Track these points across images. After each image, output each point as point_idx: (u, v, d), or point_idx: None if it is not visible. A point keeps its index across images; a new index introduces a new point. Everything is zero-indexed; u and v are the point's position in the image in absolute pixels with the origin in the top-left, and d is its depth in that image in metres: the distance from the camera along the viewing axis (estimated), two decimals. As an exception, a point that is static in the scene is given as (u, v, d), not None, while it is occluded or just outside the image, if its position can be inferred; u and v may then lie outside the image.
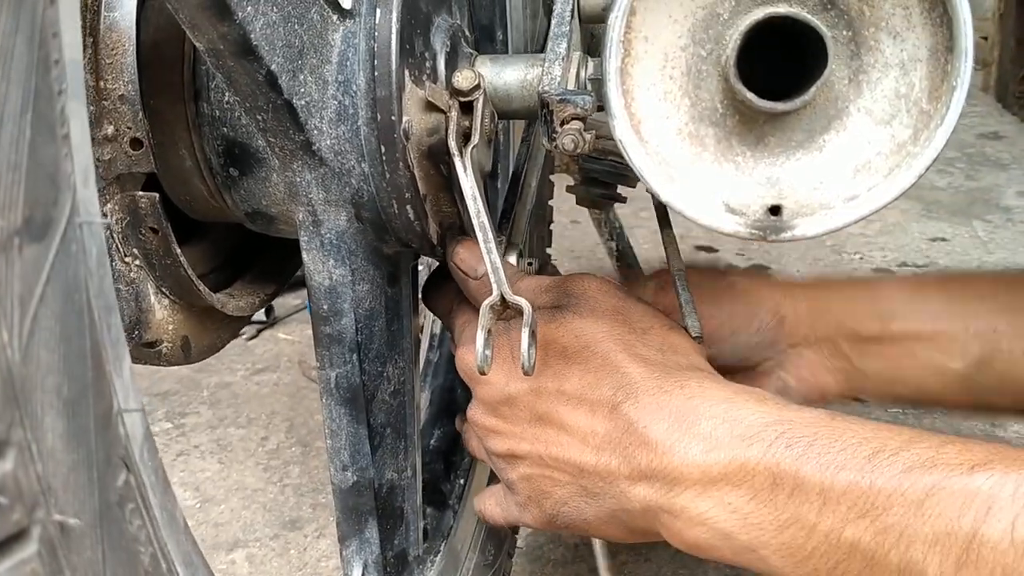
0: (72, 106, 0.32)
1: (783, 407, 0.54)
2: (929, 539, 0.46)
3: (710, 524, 0.53)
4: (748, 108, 0.49)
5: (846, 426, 0.52)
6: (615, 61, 0.49)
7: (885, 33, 0.47)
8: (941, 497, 0.47)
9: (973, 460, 0.47)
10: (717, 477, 0.52)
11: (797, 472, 0.50)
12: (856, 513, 0.48)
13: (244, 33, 0.48)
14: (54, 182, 0.30)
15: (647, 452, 0.55)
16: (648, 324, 0.61)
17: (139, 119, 0.57)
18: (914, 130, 0.48)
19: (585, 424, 0.58)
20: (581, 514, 0.60)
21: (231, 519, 1.21)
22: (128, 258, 0.60)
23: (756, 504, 0.51)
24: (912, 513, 0.47)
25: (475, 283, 0.63)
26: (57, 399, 0.30)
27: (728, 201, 0.50)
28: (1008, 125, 2.45)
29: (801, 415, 0.53)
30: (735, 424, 0.53)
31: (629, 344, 0.59)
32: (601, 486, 0.58)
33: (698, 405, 0.54)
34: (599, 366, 0.58)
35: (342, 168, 0.56)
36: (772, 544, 0.51)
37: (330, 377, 0.62)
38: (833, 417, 0.53)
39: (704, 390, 0.55)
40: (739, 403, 0.54)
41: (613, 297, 0.63)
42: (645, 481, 0.55)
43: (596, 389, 0.58)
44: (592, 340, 0.59)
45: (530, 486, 0.62)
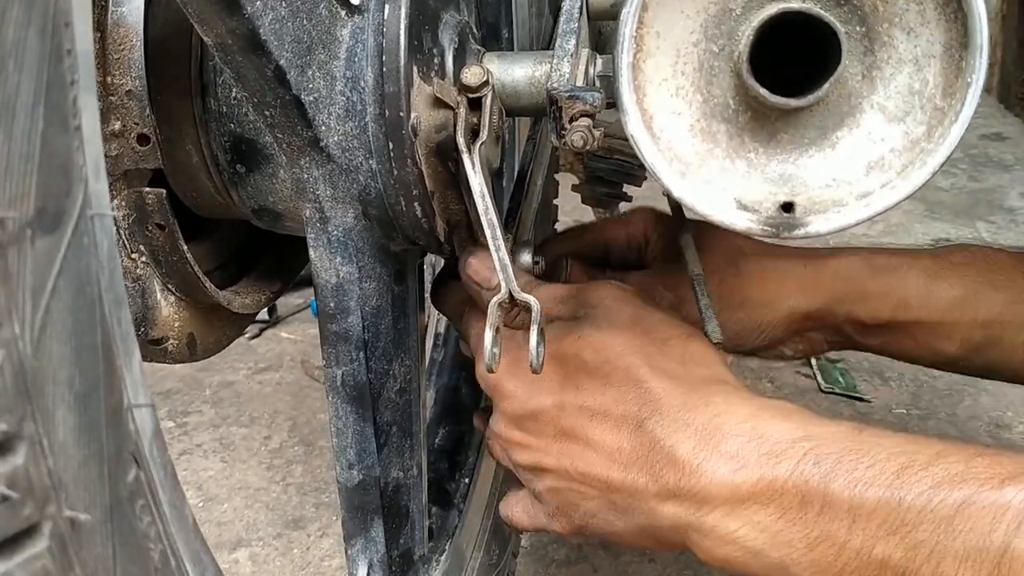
0: (84, 97, 0.31)
1: (809, 422, 0.54)
2: (960, 555, 0.46)
3: (740, 543, 0.53)
4: (761, 104, 0.48)
5: (874, 440, 0.51)
6: (627, 56, 0.49)
7: (899, 29, 0.47)
8: (971, 512, 0.46)
9: (1003, 474, 0.47)
10: (745, 496, 0.52)
11: (826, 490, 0.50)
12: (886, 530, 0.48)
13: (253, 28, 0.48)
14: (66, 174, 0.30)
15: (674, 471, 0.54)
16: (667, 334, 0.61)
17: (146, 115, 0.57)
18: (928, 127, 0.48)
19: (611, 440, 0.58)
20: (611, 526, 0.60)
21: (234, 518, 1.20)
22: (134, 254, 0.60)
23: (785, 522, 0.51)
24: (942, 529, 0.47)
25: (489, 294, 0.63)
26: (69, 393, 0.30)
27: (740, 198, 0.50)
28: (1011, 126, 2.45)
29: (828, 430, 0.53)
30: (762, 442, 0.53)
31: (650, 356, 0.59)
32: (629, 502, 0.57)
33: (724, 423, 0.54)
34: (621, 380, 0.58)
35: (350, 165, 0.56)
36: (803, 562, 0.51)
37: (336, 375, 0.62)
38: (860, 431, 0.53)
39: (730, 406, 0.55)
40: (765, 419, 0.54)
41: (630, 306, 0.62)
42: (673, 500, 0.55)
43: (620, 404, 0.58)
44: (613, 354, 0.59)
45: (558, 497, 0.62)
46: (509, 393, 0.61)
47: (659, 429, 0.56)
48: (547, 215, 1.06)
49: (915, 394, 1.39)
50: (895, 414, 1.36)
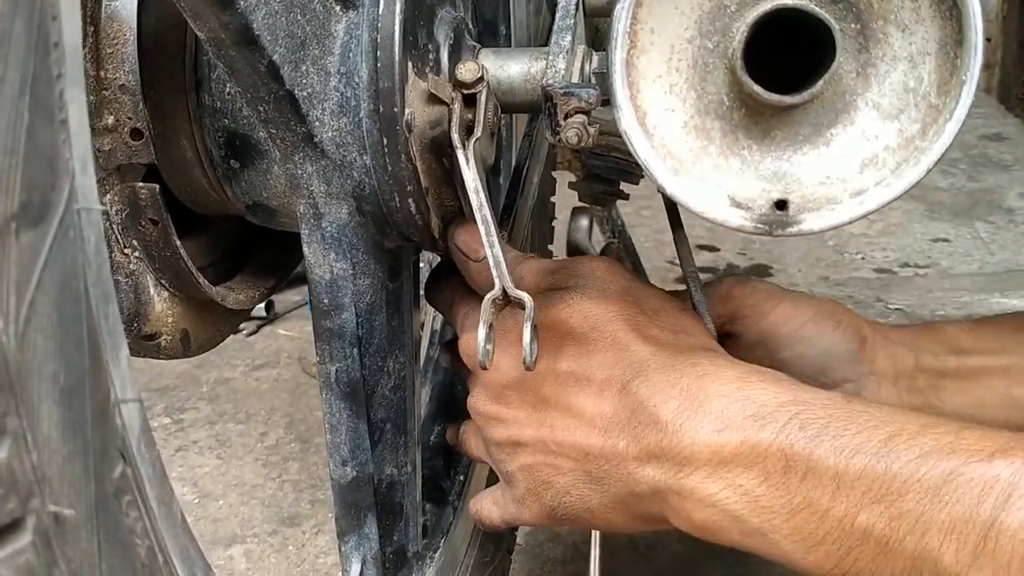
0: (71, 91, 0.31)
1: (798, 388, 0.53)
2: (946, 526, 0.45)
3: (720, 506, 0.51)
4: (755, 101, 0.48)
5: (862, 409, 0.50)
6: (621, 52, 0.49)
7: (894, 26, 0.47)
8: (959, 484, 0.45)
9: (993, 447, 0.46)
10: (728, 458, 0.51)
11: (810, 455, 0.49)
12: (871, 498, 0.47)
13: (246, 22, 0.48)
14: (52, 167, 0.30)
15: (656, 431, 0.53)
16: (658, 305, 0.60)
17: (139, 109, 0.57)
18: (922, 124, 0.48)
19: (592, 405, 0.57)
20: (584, 503, 0.59)
21: (229, 515, 1.20)
22: (127, 250, 0.60)
23: (768, 487, 0.50)
24: (929, 499, 0.46)
25: (475, 266, 0.62)
26: (53, 387, 0.30)
27: (734, 195, 0.50)
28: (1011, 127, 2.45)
29: (816, 396, 0.52)
30: (747, 404, 0.51)
31: (640, 324, 0.58)
32: (607, 469, 0.56)
33: (710, 384, 0.53)
34: (608, 346, 0.57)
35: (344, 160, 0.56)
36: (783, 528, 0.50)
37: (330, 371, 0.62)
38: (849, 400, 0.52)
39: (717, 368, 0.54)
40: (752, 382, 0.53)
41: (622, 278, 0.61)
42: (654, 461, 0.53)
43: (604, 369, 0.57)
44: (601, 320, 0.58)
45: (530, 477, 0.60)
46: (492, 364, 0.59)
47: (643, 390, 0.55)
48: (544, 212, 1.06)
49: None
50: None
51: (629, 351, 0.56)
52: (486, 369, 0.56)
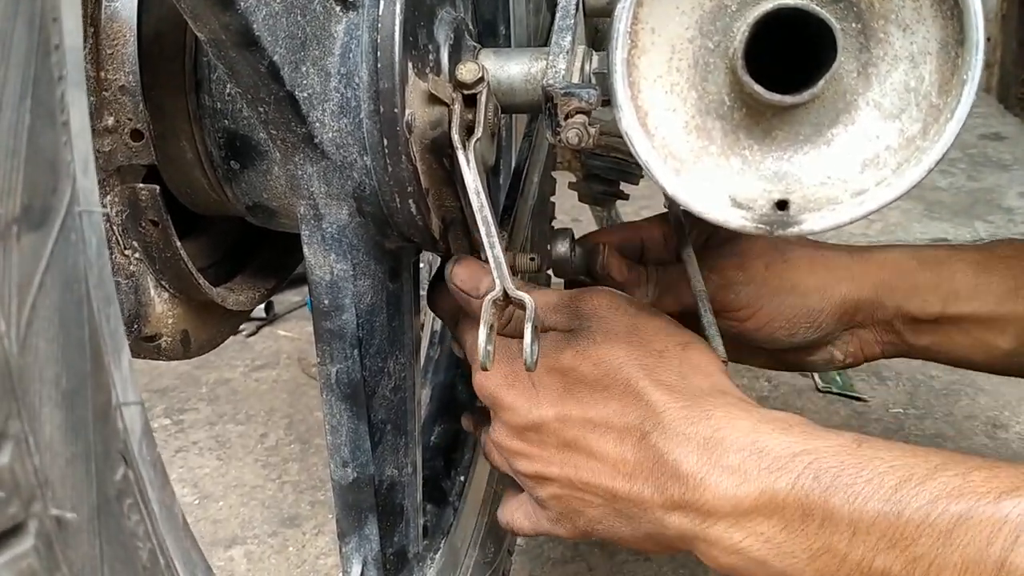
0: (72, 93, 0.31)
1: (808, 435, 0.55)
2: (959, 568, 0.47)
3: (745, 553, 0.54)
4: (756, 101, 0.48)
5: (872, 453, 0.52)
6: (621, 52, 0.49)
7: (895, 25, 0.47)
8: (969, 526, 0.47)
9: (1000, 487, 0.48)
10: (749, 509, 0.53)
11: (826, 503, 0.51)
12: (886, 543, 0.49)
13: (246, 23, 0.48)
14: (53, 170, 0.30)
15: (679, 485, 0.55)
16: (663, 343, 0.61)
17: (140, 110, 0.57)
18: (924, 124, 0.48)
19: (614, 451, 0.59)
20: (616, 532, 0.61)
21: (229, 516, 1.20)
22: (128, 251, 0.59)
23: (788, 534, 0.52)
24: (941, 543, 0.48)
25: (479, 303, 0.62)
26: (55, 391, 0.30)
27: (735, 195, 0.50)
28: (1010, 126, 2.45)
29: (827, 443, 0.54)
30: (762, 456, 0.54)
31: (649, 368, 0.59)
32: (635, 511, 0.58)
33: (725, 437, 0.55)
34: (622, 393, 0.59)
35: (344, 161, 0.56)
36: (806, 572, 0.52)
37: (330, 373, 0.62)
38: (859, 444, 0.54)
39: (731, 420, 0.56)
40: (764, 433, 0.55)
41: (625, 315, 0.63)
42: (679, 511, 0.56)
43: (622, 417, 0.59)
44: (613, 367, 0.60)
45: (561, 504, 0.62)
46: (509, 405, 0.62)
47: (662, 442, 0.57)
48: (544, 212, 1.06)
49: (912, 394, 1.39)
50: (892, 413, 1.36)
51: (644, 400, 0.58)
52: (487, 370, 0.56)
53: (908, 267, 0.77)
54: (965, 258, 0.77)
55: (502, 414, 0.63)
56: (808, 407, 1.36)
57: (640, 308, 0.64)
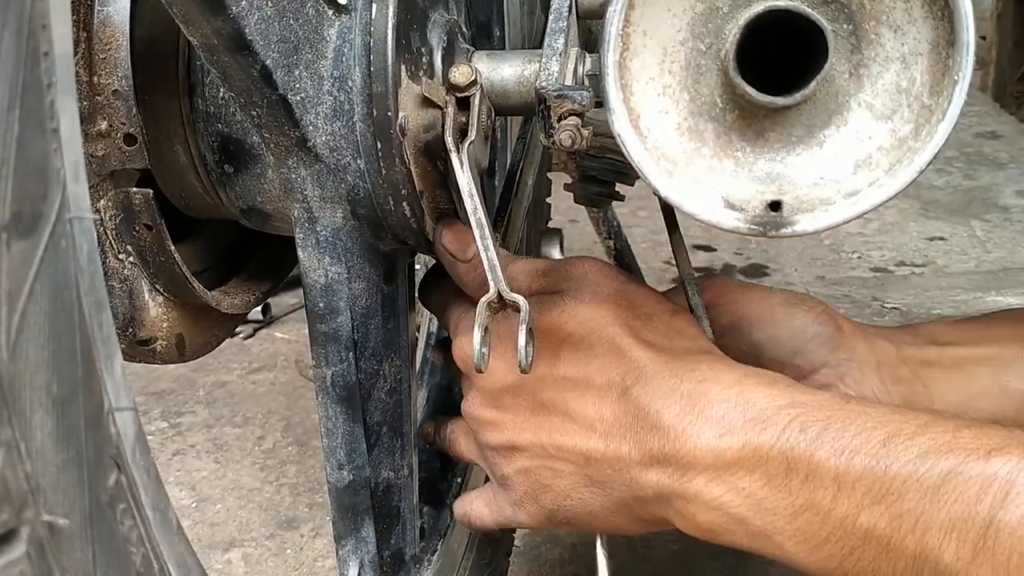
0: (62, 100, 0.31)
1: (795, 390, 0.53)
2: (945, 525, 0.46)
3: (724, 509, 0.52)
4: (748, 103, 0.48)
5: (860, 409, 0.51)
6: (613, 55, 0.49)
7: (886, 27, 0.47)
8: (958, 483, 0.46)
9: (990, 445, 0.46)
10: (731, 462, 0.51)
11: (811, 457, 0.49)
12: (871, 499, 0.48)
13: (238, 28, 0.48)
14: (43, 177, 0.30)
15: (659, 437, 0.54)
16: (652, 308, 0.60)
17: (133, 115, 0.57)
18: (915, 125, 0.48)
19: (592, 410, 0.57)
20: (585, 506, 0.59)
21: (227, 519, 1.20)
22: (122, 255, 0.59)
23: (770, 489, 0.50)
24: (928, 499, 0.46)
25: (463, 267, 0.61)
26: (46, 397, 0.30)
27: (727, 196, 0.50)
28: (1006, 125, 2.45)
29: (815, 398, 0.52)
30: (747, 407, 0.52)
31: (635, 329, 0.58)
32: (609, 473, 0.56)
33: (709, 388, 0.53)
34: (606, 351, 0.57)
35: (338, 164, 0.56)
36: (787, 530, 0.50)
37: (326, 375, 0.62)
38: (847, 400, 0.52)
39: (716, 372, 0.54)
40: (750, 386, 0.53)
41: (614, 280, 0.61)
42: (658, 466, 0.54)
43: (604, 374, 0.57)
44: (597, 326, 0.58)
45: (528, 480, 0.60)
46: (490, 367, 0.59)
47: (644, 395, 0.55)
48: (540, 214, 1.06)
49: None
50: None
51: (627, 356, 0.57)
52: (482, 373, 0.56)
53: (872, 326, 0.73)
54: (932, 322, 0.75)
55: (478, 379, 0.61)
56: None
57: (629, 276, 0.63)
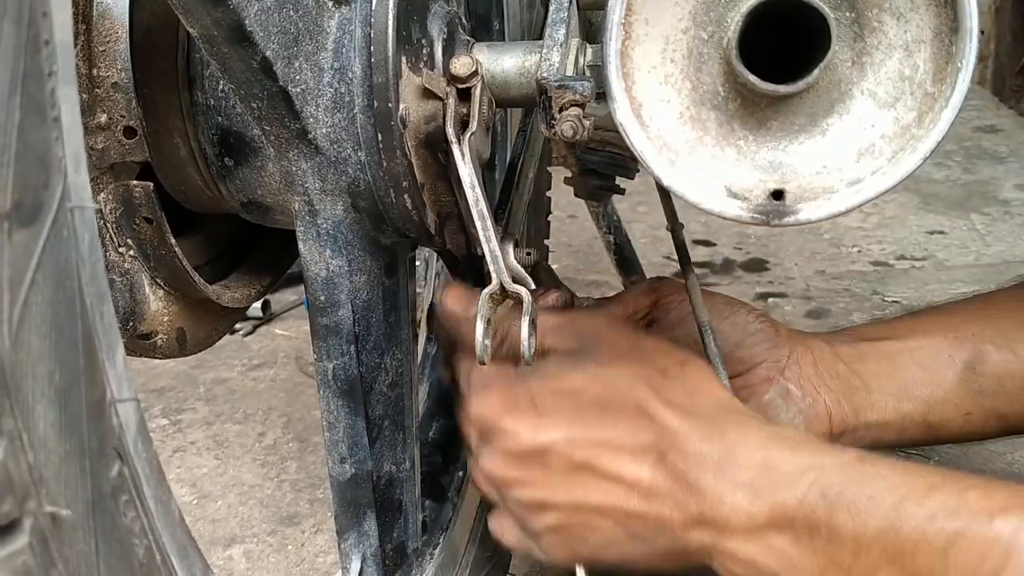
0: (63, 89, 0.31)
1: (815, 452, 0.57)
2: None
3: (759, 566, 0.56)
4: (750, 91, 0.48)
5: (875, 471, 0.55)
6: (615, 44, 0.48)
7: (889, 14, 0.47)
8: (963, 545, 0.50)
9: (993, 507, 0.50)
10: (763, 524, 0.56)
11: (831, 520, 0.53)
12: (886, 559, 0.52)
13: (238, 19, 0.48)
14: (44, 166, 0.30)
15: (698, 501, 0.58)
16: (665, 362, 0.63)
17: (133, 107, 0.57)
18: (918, 112, 0.48)
19: (630, 472, 0.59)
20: (624, 554, 0.62)
21: (228, 515, 1.20)
22: (122, 248, 0.59)
23: (798, 548, 0.55)
24: (938, 560, 0.50)
25: (469, 326, 0.62)
26: (49, 387, 0.29)
27: (730, 186, 0.50)
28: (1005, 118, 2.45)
29: (834, 459, 0.56)
30: (772, 472, 0.56)
31: (658, 388, 0.61)
32: (652, 530, 0.60)
33: (739, 454, 0.57)
34: (633, 414, 0.60)
35: (338, 157, 0.56)
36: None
37: (327, 369, 0.61)
38: (862, 460, 0.56)
39: (743, 437, 0.58)
40: (774, 451, 0.57)
41: (625, 336, 0.64)
42: (699, 527, 0.58)
43: (635, 437, 0.60)
44: (621, 387, 0.61)
45: (561, 534, 0.62)
46: (510, 431, 0.61)
47: (680, 461, 0.58)
48: (540, 207, 1.06)
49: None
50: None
51: (656, 419, 0.60)
52: (484, 364, 0.56)
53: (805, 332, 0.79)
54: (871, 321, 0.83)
55: (500, 441, 0.62)
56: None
57: (636, 328, 0.67)
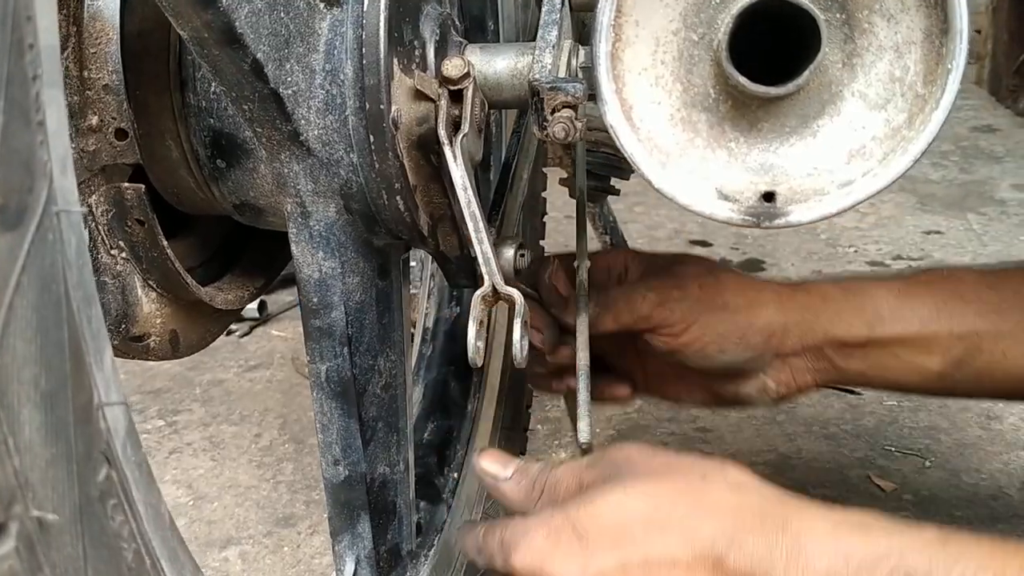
0: (48, 92, 0.31)
1: (890, 533, 0.55)
2: None
3: None
4: (741, 93, 0.48)
5: (960, 550, 0.52)
6: (605, 46, 0.48)
7: (879, 15, 0.47)
8: None
9: None
10: None
11: None
12: None
13: (228, 21, 0.48)
14: (29, 170, 0.29)
15: None
16: (703, 468, 0.60)
17: (124, 109, 0.57)
18: (909, 114, 0.48)
19: None
20: None
21: (224, 516, 1.20)
22: (114, 251, 0.59)
23: None
24: None
25: (506, 484, 0.63)
26: (34, 391, 0.29)
27: (721, 187, 0.50)
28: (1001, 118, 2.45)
29: (912, 540, 0.54)
30: (849, 559, 0.53)
31: (702, 493, 0.58)
32: None
33: (807, 543, 0.54)
34: (680, 523, 0.57)
35: (330, 158, 0.56)
36: None
37: (320, 371, 0.61)
38: (945, 542, 0.53)
39: (808, 527, 0.55)
40: (844, 536, 0.55)
41: (654, 457, 0.61)
42: None
43: (688, 548, 0.56)
44: (665, 502, 0.58)
45: None
46: (559, 571, 0.56)
47: (744, 560, 0.55)
48: (535, 208, 1.06)
49: (906, 385, 1.39)
50: (886, 406, 1.36)
51: (707, 525, 0.56)
52: (477, 366, 0.56)
53: (831, 293, 0.80)
54: (887, 284, 0.81)
55: None
56: (803, 400, 1.36)
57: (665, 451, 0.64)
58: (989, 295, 0.79)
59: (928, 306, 0.78)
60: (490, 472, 0.63)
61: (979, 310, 0.78)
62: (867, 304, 0.79)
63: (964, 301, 0.78)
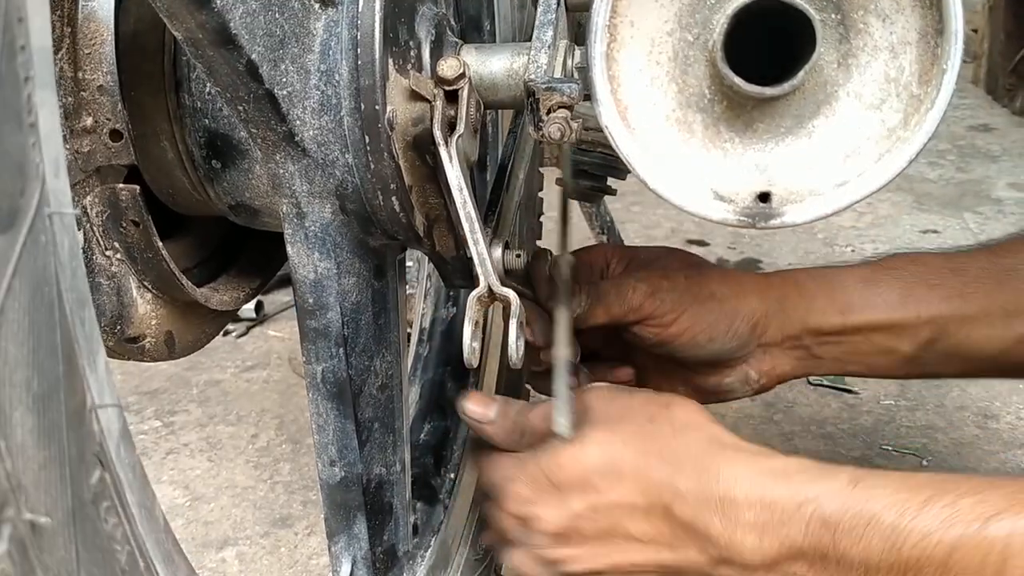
0: (40, 94, 0.31)
1: (809, 480, 0.60)
2: None
3: None
4: (736, 93, 0.48)
5: (868, 493, 0.58)
6: (600, 46, 0.48)
7: (874, 16, 0.47)
8: (962, 554, 0.53)
9: (987, 512, 0.53)
10: (777, 557, 0.60)
11: (836, 546, 0.57)
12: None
13: (223, 22, 0.48)
14: (21, 172, 0.29)
15: (713, 545, 0.61)
16: (649, 411, 0.66)
17: (118, 110, 0.56)
18: (904, 114, 0.48)
19: (649, 528, 0.63)
20: None
21: (221, 517, 1.20)
22: (109, 252, 0.59)
23: (814, 572, 0.59)
24: (941, 572, 0.54)
25: (491, 427, 0.69)
26: (26, 394, 0.29)
27: (716, 188, 0.49)
28: (998, 117, 2.45)
29: (828, 486, 0.59)
30: (772, 510, 0.60)
31: (648, 440, 0.64)
32: (687, 570, 0.64)
33: (736, 495, 0.61)
34: (632, 474, 0.63)
35: (326, 159, 0.56)
36: None
37: (316, 372, 0.61)
38: (856, 483, 0.59)
39: (735, 477, 0.61)
40: (768, 486, 0.61)
41: (612, 402, 0.67)
42: (724, 564, 0.62)
43: (641, 495, 0.63)
44: (617, 449, 0.64)
45: None
46: (543, 516, 0.65)
47: (686, 511, 0.62)
48: (532, 208, 1.05)
49: (903, 385, 1.39)
50: (883, 405, 1.36)
51: (654, 476, 0.63)
52: (475, 368, 0.57)
53: (804, 282, 0.83)
54: (856, 271, 0.84)
55: (539, 525, 0.65)
56: (800, 400, 1.37)
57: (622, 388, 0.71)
58: (953, 280, 0.82)
59: (895, 291, 0.82)
60: (475, 416, 0.69)
61: (944, 295, 0.81)
62: (837, 292, 0.82)
63: (929, 286, 0.82)
